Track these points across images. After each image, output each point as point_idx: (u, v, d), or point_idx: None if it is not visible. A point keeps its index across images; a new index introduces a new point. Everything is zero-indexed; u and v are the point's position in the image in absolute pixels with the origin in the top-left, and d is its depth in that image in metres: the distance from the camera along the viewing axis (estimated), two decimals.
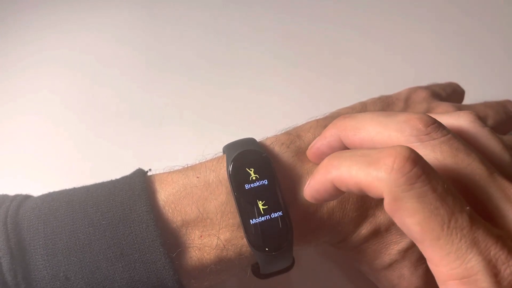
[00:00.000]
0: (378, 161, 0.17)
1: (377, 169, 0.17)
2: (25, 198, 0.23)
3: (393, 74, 0.43)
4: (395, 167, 0.16)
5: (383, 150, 0.17)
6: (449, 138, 0.20)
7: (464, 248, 0.16)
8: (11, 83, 0.40)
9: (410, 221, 0.17)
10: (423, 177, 0.16)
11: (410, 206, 0.16)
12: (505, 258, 0.16)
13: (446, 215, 0.16)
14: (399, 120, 0.21)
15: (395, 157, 0.17)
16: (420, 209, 0.16)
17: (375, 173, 0.17)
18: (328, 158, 0.20)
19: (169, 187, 0.23)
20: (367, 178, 0.17)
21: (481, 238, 0.16)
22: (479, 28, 0.48)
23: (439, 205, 0.16)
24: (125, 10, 0.45)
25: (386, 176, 0.17)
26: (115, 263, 0.21)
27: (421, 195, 0.16)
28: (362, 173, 0.17)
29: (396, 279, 0.25)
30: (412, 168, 0.16)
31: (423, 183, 0.16)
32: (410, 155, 0.17)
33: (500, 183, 0.19)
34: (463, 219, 0.16)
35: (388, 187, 0.17)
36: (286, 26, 0.46)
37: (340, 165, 0.19)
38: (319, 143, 0.23)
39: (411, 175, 0.16)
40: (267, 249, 0.22)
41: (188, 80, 0.41)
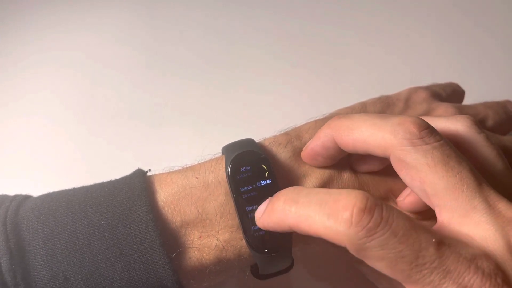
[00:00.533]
0: (336, 214, 0.17)
1: (336, 223, 0.17)
2: (24, 198, 0.23)
3: (393, 74, 0.43)
4: (354, 221, 0.17)
5: (340, 198, 0.18)
6: (442, 144, 0.20)
7: (437, 280, 0.16)
8: (11, 83, 0.40)
9: (379, 265, 0.17)
10: (382, 224, 0.17)
11: (375, 254, 0.17)
12: (480, 281, 0.16)
13: (412, 254, 0.17)
14: (393, 123, 0.21)
15: (352, 209, 0.17)
16: (385, 255, 0.17)
17: (335, 227, 0.17)
18: (285, 199, 0.20)
19: (169, 188, 0.23)
20: (327, 231, 0.17)
21: (452, 267, 0.16)
22: (479, 28, 0.48)
23: (402, 247, 0.17)
24: (125, 10, 0.45)
25: (346, 230, 0.17)
26: (114, 264, 0.21)
27: (383, 243, 0.17)
28: (322, 225, 0.18)
29: (396, 280, 0.25)
30: (370, 219, 0.17)
31: (383, 231, 0.17)
32: (366, 205, 0.17)
33: (487, 195, 0.19)
34: (430, 253, 0.17)
35: (350, 241, 0.17)
36: (285, 26, 0.46)
37: (297, 213, 0.19)
38: (313, 144, 0.23)
39: (370, 226, 0.17)
40: (266, 250, 0.22)
41: (188, 81, 0.41)
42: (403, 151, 0.20)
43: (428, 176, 0.19)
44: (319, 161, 0.24)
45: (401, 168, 0.20)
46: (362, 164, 0.25)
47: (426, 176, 0.19)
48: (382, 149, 0.21)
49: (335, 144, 0.23)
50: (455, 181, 0.19)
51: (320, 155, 0.23)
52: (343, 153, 0.23)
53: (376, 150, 0.21)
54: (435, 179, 0.19)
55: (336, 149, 0.23)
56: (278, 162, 0.24)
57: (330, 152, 0.23)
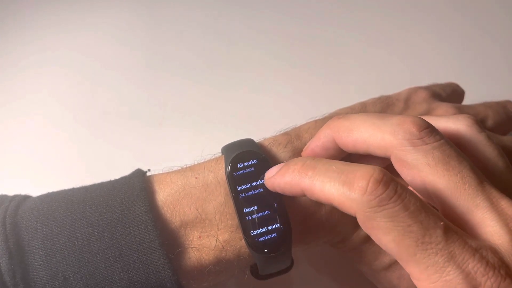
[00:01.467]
0: (353, 182, 0.18)
1: (351, 190, 0.18)
2: (24, 198, 0.23)
3: (392, 74, 0.43)
4: (368, 190, 0.17)
5: (358, 169, 0.18)
6: (442, 144, 0.20)
7: (441, 262, 0.16)
8: (11, 83, 0.40)
9: (385, 239, 0.17)
10: (395, 197, 0.17)
11: (383, 225, 0.17)
12: (484, 270, 0.16)
13: (420, 231, 0.17)
14: (392, 123, 0.21)
15: (369, 179, 0.17)
16: (393, 228, 0.17)
17: (349, 194, 0.18)
18: (303, 164, 0.20)
19: (168, 188, 0.23)
20: (340, 197, 0.18)
21: (457, 252, 0.16)
22: (479, 28, 0.48)
23: (411, 222, 0.17)
24: (125, 10, 0.45)
25: (359, 197, 0.17)
26: (113, 264, 0.21)
27: (393, 215, 0.17)
28: (336, 191, 0.18)
29: (395, 280, 0.25)
30: (384, 190, 0.17)
31: (395, 204, 0.17)
32: (382, 178, 0.17)
33: (489, 193, 0.19)
34: (437, 234, 0.17)
35: (361, 208, 0.17)
36: (285, 26, 0.46)
37: (313, 177, 0.19)
38: (313, 145, 0.23)
39: (383, 197, 0.17)
40: (266, 250, 0.22)
41: (188, 81, 0.41)
42: (403, 151, 0.20)
43: (429, 176, 0.19)
44: None
45: (402, 168, 0.20)
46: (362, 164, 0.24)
47: (427, 176, 0.19)
48: (383, 149, 0.21)
49: (335, 145, 0.23)
50: (456, 180, 0.19)
51: (320, 155, 0.23)
52: (343, 153, 0.23)
53: (377, 150, 0.21)
54: (436, 178, 0.19)
55: (336, 149, 0.23)
56: (278, 162, 0.24)
57: (330, 153, 0.23)
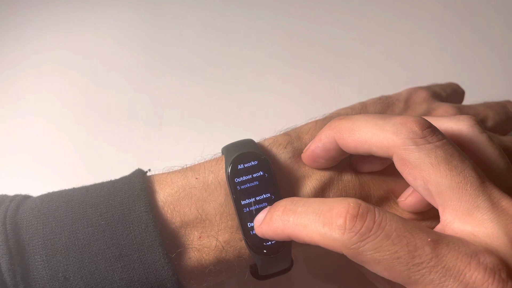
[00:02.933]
0: (331, 222, 0.18)
1: (331, 230, 0.18)
2: (24, 198, 0.23)
3: (393, 75, 0.43)
4: (347, 227, 0.17)
5: (333, 207, 0.18)
6: (444, 143, 0.20)
7: (437, 279, 0.16)
8: (11, 83, 0.40)
9: (377, 269, 0.17)
10: (374, 228, 0.17)
11: (370, 257, 0.17)
12: (482, 277, 0.16)
13: (407, 255, 0.17)
14: (395, 122, 0.21)
15: (345, 216, 0.18)
16: (381, 258, 0.17)
17: (330, 234, 0.18)
18: (283, 210, 0.20)
19: (168, 188, 0.23)
20: (323, 239, 0.18)
21: (451, 264, 0.17)
22: (479, 28, 0.48)
23: (397, 248, 0.17)
24: (125, 10, 0.45)
25: (340, 237, 0.18)
26: (114, 264, 0.21)
27: (377, 245, 0.17)
28: (318, 234, 0.18)
29: None
30: (362, 224, 0.17)
31: (375, 235, 0.17)
32: (358, 211, 0.18)
33: (490, 193, 0.19)
34: (426, 252, 0.17)
35: (345, 246, 0.18)
36: (285, 27, 0.46)
37: (295, 223, 0.19)
38: (314, 146, 0.23)
39: (363, 231, 0.17)
40: (265, 251, 0.22)
41: (188, 81, 0.41)
42: (406, 150, 0.20)
43: (431, 175, 0.19)
44: (320, 163, 0.24)
45: (404, 167, 0.20)
46: (363, 164, 0.24)
47: (429, 175, 0.19)
48: (385, 149, 0.21)
49: (336, 146, 0.23)
50: (458, 179, 0.19)
51: (321, 157, 0.23)
52: (344, 154, 0.23)
53: (379, 150, 0.21)
54: (438, 178, 0.19)
55: (337, 150, 0.23)
56: (278, 163, 0.24)
57: (331, 154, 0.23)
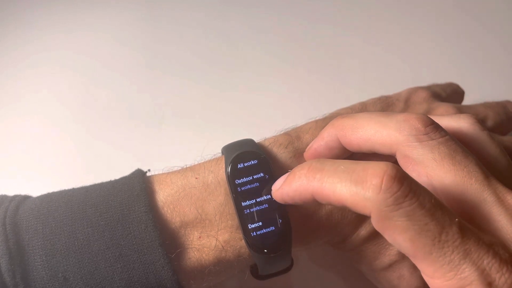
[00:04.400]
0: (365, 180, 0.17)
1: (364, 188, 0.17)
2: (24, 198, 0.23)
3: (393, 75, 0.43)
4: (383, 188, 0.16)
5: (369, 167, 0.17)
6: (447, 140, 0.20)
7: (457, 260, 0.16)
8: (11, 83, 0.40)
9: (401, 238, 0.17)
10: (410, 195, 0.17)
11: (400, 224, 0.16)
12: (498, 266, 0.16)
13: (436, 229, 0.16)
14: (398, 120, 0.21)
15: (383, 176, 0.17)
16: (410, 227, 0.16)
17: (362, 193, 0.17)
18: (309, 167, 0.19)
19: (168, 188, 0.23)
20: (353, 197, 0.17)
21: (473, 248, 0.16)
22: (479, 28, 0.48)
23: (428, 220, 0.16)
24: (125, 10, 0.45)
25: (374, 196, 0.17)
26: (114, 264, 0.21)
27: (410, 213, 0.16)
28: (348, 191, 0.17)
29: (395, 280, 0.25)
30: (399, 188, 0.16)
31: (411, 201, 0.16)
32: (396, 174, 0.17)
33: (495, 187, 0.19)
34: (454, 231, 0.16)
35: (377, 207, 0.17)
36: (285, 26, 0.46)
37: (322, 179, 0.18)
38: (316, 144, 0.23)
39: (399, 195, 0.16)
40: (266, 251, 0.22)
41: (188, 81, 0.41)
42: (409, 147, 0.20)
43: (435, 171, 0.19)
44: None
45: (407, 164, 0.20)
46: None
47: (433, 171, 0.19)
48: (388, 146, 0.21)
49: (339, 144, 0.23)
50: (462, 174, 0.19)
51: (323, 155, 0.23)
52: (347, 152, 0.23)
53: (382, 147, 0.21)
54: (442, 173, 0.19)
55: (340, 149, 0.23)
56: (279, 162, 0.24)
57: (333, 152, 0.23)
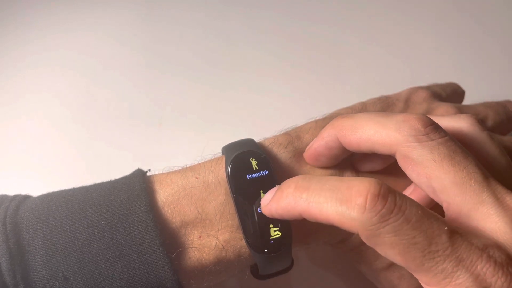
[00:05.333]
0: (349, 200, 0.17)
1: (349, 208, 0.17)
2: (24, 198, 0.23)
3: (393, 75, 0.43)
4: (367, 207, 0.16)
5: (353, 185, 0.17)
6: (447, 140, 0.20)
7: (449, 268, 0.16)
8: (11, 83, 0.40)
9: (391, 252, 0.17)
10: (396, 210, 0.17)
11: (388, 240, 0.17)
12: (493, 270, 0.16)
13: (425, 241, 0.16)
14: (397, 120, 0.21)
15: (366, 195, 0.17)
16: (398, 242, 0.16)
17: (348, 213, 0.17)
18: (295, 186, 0.19)
19: (168, 188, 0.23)
20: (339, 217, 0.17)
21: (465, 255, 0.16)
22: (479, 28, 0.48)
23: (416, 233, 0.16)
24: (125, 10, 0.45)
25: (359, 216, 0.17)
26: (114, 264, 0.21)
27: (397, 229, 0.16)
28: (334, 211, 0.17)
29: (396, 280, 0.25)
30: (384, 205, 0.16)
31: (397, 217, 0.16)
32: (379, 191, 0.17)
33: (494, 188, 0.19)
34: (443, 241, 0.16)
35: (363, 227, 0.17)
36: (285, 26, 0.46)
37: (309, 199, 0.18)
38: (316, 144, 0.23)
39: (384, 212, 0.16)
40: (266, 250, 0.22)
41: (188, 81, 0.41)
42: (409, 147, 0.20)
43: (435, 172, 0.19)
44: (322, 161, 0.24)
45: (407, 165, 0.20)
46: (364, 163, 0.25)
47: (433, 172, 0.19)
48: (388, 146, 0.21)
49: (338, 144, 0.23)
50: (462, 175, 0.19)
51: (323, 155, 0.23)
52: (346, 152, 0.23)
53: (381, 148, 0.21)
54: (441, 174, 0.19)
55: (339, 149, 0.23)
56: (279, 162, 0.24)
57: (333, 152, 0.23)
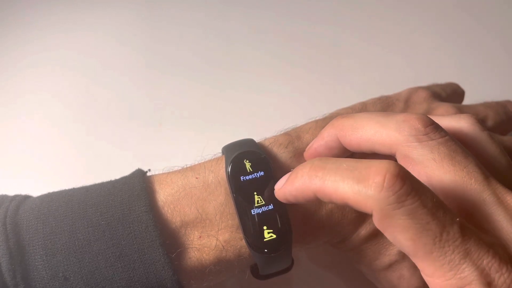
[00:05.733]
0: (367, 178, 0.17)
1: (367, 186, 0.17)
2: (24, 198, 0.23)
3: (393, 75, 0.43)
4: (385, 186, 0.16)
5: (371, 165, 0.17)
6: (447, 140, 0.20)
7: (457, 260, 0.16)
8: (11, 83, 0.40)
9: (402, 236, 0.17)
10: (413, 193, 0.16)
11: (401, 222, 0.16)
12: (498, 267, 0.16)
13: (438, 229, 0.16)
14: (397, 120, 0.21)
15: (385, 174, 0.17)
16: (412, 225, 0.16)
17: (364, 191, 0.17)
18: (311, 166, 0.19)
19: (168, 188, 0.23)
20: (355, 195, 0.17)
21: (473, 248, 0.16)
22: (479, 28, 0.48)
23: (430, 219, 0.16)
24: (125, 10, 0.45)
25: (376, 194, 0.16)
26: (114, 264, 0.21)
27: (412, 212, 0.16)
28: (350, 189, 0.17)
29: (396, 280, 0.25)
30: (402, 186, 0.16)
31: (413, 200, 0.16)
32: (399, 173, 0.17)
33: (495, 188, 0.19)
34: (455, 231, 0.16)
35: (379, 205, 0.17)
36: (285, 26, 0.46)
37: (324, 177, 0.18)
38: (317, 144, 0.23)
39: (401, 193, 0.16)
40: (266, 250, 0.22)
41: (188, 81, 0.41)
42: (409, 147, 0.20)
43: (435, 171, 0.19)
44: None
45: (407, 164, 0.20)
46: None
47: (433, 171, 0.19)
48: (388, 146, 0.21)
49: (339, 144, 0.23)
50: (462, 175, 0.19)
51: (323, 155, 0.23)
52: (347, 152, 0.23)
53: (382, 148, 0.21)
54: (441, 173, 0.19)
55: (340, 148, 0.23)
56: (279, 162, 0.24)
57: (333, 152, 0.23)
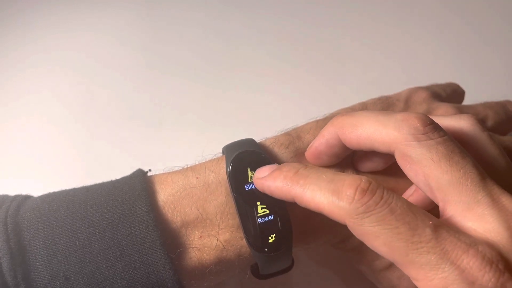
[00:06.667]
0: (341, 191, 0.19)
1: (339, 198, 0.18)
2: (25, 198, 0.23)
3: (393, 75, 0.44)
4: (356, 198, 0.18)
5: (346, 178, 0.19)
6: (446, 140, 0.20)
7: (434, 260, 0.17)
8: (11, 83, 0.40)
9: (376, 243, 0.18)
10: (381, 203, 0.18)
11: (372, 229, 0.18)
12: (480, 265, 0.16)
13: (408, 232, 0.17)
14: (397, 119, 0.21)
15: (356, 188, 0.18)
16: (382, 231, 0.17)
17: (337, 202, 0.18)
18: (296, 172, 0.21)
19: (169, 188, 0.23)
20: (329, 205, 0.19)
21: (449, 248, 0.17)
22: (479, 28, 0.48)
23: (399, 224, 0.17)
24: (125, 10, 0.45)
25: (347, 206, 0.18)
26: (115, 264, 0.21)
27: (380, 219, 0.18)
28: (325, 200, 0.19)
29: (396, 280, 0.25)
30: (370, 198, 0.18)
31: (381, 208, 0.18)
32: (368, 187, 0.18)
33: (491, 189, 0.19)
34: (426, 233, 0.17)
35: (349, 215, 0.18)
36: (285, 27, 0.46)
37: (305, 186, 0.20)
38: (317, 143, 0.24)
39: (370, 203, 0.18)
40: (266, 250, 0.22)
41: (188, 81, 0.41)
42: (407, 146, 0.20)
43: (433, 171, 0.19)
44: (324, 159, 0.24)
45: (405, 163, 0.21)
46: (364, 163, 0.25)
47: (431, 171, 0.20)
48: (387, 145, 0.21)
49: (339, 142, 0.23)
50: (459, 175, 0.19)
51: (324, 153, 0.24)
52: (347, 150, 0.24)
53: (381, 146, 0.21)
54: (439, 173, 0.19)
55: (340, 146, 0.23)
56: (280, 162, 0.24)
57: (334, 150, 0.23)
